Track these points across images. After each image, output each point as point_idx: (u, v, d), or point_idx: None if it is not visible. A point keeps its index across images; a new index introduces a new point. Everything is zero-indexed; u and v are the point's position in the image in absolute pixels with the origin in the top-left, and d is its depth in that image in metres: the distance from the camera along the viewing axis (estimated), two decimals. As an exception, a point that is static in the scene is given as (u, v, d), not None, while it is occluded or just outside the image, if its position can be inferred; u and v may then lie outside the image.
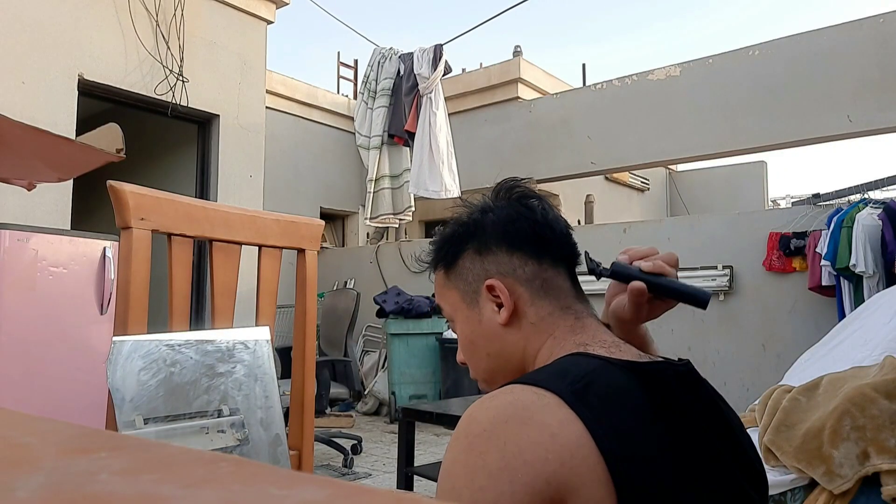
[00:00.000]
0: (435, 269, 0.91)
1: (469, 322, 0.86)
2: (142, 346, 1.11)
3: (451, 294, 0.87)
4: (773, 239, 4.55)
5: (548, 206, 0.87)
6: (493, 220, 0.84)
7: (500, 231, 0.83)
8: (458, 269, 0.86)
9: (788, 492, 1.94)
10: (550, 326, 0.80)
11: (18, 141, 1.94)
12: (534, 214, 0.84)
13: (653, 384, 0.70)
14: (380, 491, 0.23)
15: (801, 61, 5.42)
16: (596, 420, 0.63)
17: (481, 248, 0.84)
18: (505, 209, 0.86)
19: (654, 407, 0.69)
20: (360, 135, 6.62)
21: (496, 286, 0.81)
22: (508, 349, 0.83)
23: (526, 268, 0.82)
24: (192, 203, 1.36)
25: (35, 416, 0.34)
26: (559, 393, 0.65)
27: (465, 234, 0.86)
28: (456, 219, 0.89)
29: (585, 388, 0.66)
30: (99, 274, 3.22)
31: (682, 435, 0.69)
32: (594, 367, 0.70)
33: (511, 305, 0.81)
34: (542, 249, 0.83)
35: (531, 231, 0.83)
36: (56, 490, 0.22)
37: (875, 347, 2.25)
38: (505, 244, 0.83)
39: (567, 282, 0.84)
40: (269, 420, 1.29)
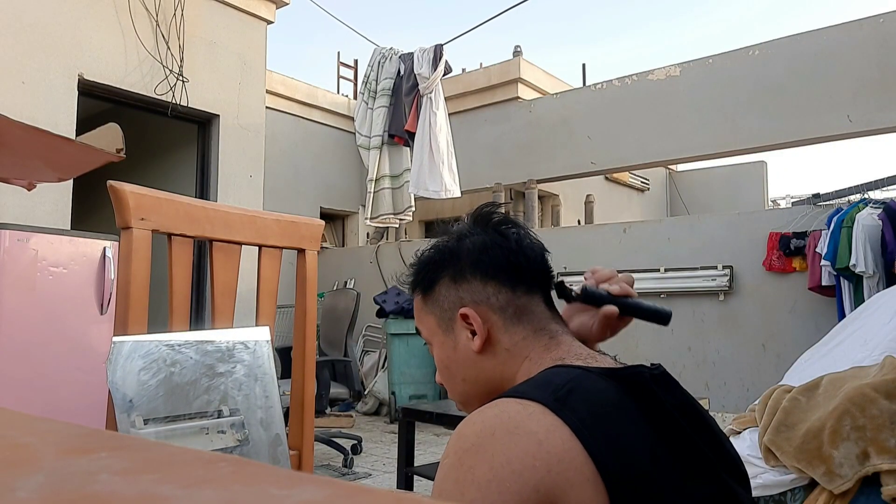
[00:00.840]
0: (413, 293, 0.93)
1: (445, 348, 0.88)
2: (142, 346, 1.11)
3: (428, 319, 0.90)
4: (773, 239, 4.55)
5: (524, 232, 0.89)
6: (469, 248, 0.86)
7: (474, 260, 0.85)
8: (435, 296, 0.88)
9: (788, 492, 1.94)
10: (525, 349, 0.82)
11: (18, 141, 1.94)
12: (508, 243, 0.86)
13: (633, 387, 0.72)
14: (380, 491, 0.23)
15: (801, 61, 5.42)
16: (582, 423, 0.65)
17: (456, 277, 0.86)
18: (480, 237, 0.87)
19: (637, 408, 0.70)
20: (360, 135, 6.62)
21: (470, 315, 0.83)
22: (484, 375, 0.85)
23: (500, 296, 0.84)
24: (192, 203, 1.36)
25: (35, 416, 0.34)
26: (543, 401, 0.67)
27: (441, 262, 0.88)
28: (434, 244, 0.91)
29: (568, 394, 0.68)
30: (99, 274, 3.22)
31: (667, 433, 0.70)
32: (574, 376, 0.72)
33: (484, 333, 0.83)
34: (516, 277, 0.85)
35: (505, 260, 0.85)
36: (56, 490, 0.22)
37: (875, 347, 2.25)
38: (479, 273, 0.84)
39: (541, 305, 0.86)
40: (269, 420, 1.29)
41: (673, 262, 5.01)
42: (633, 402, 0.70)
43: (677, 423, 0.72)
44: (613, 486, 0.63)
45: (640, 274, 5.13)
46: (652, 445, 0.68)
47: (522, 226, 0.91)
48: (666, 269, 5.02)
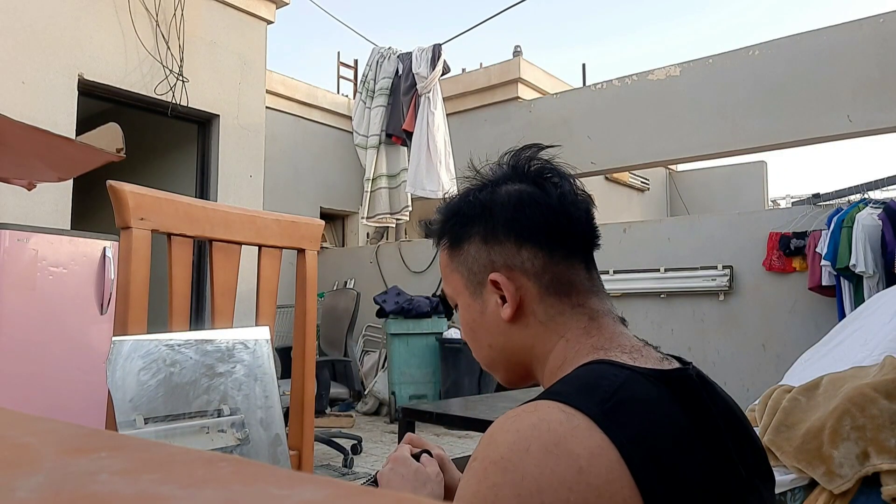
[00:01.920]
0: (437, 245, 0.85)
1: (471, 311, 0.81)
2: (142, 346, 1.11)
3: (454, 277, 0.82)
4: (773, 239, 4.55)
5: (569, 185, 0.79)
6: (503, 202, 0.77)
7: (508, 218, 0.76)
8: (463, 254, 0.80)
9: (788, 492, 1.94)
10: (561, 327, 0.75)
11: (18, 141, 1.94)
12: (549, 199, 0.76)
13: (685, 395, 0.66)
14: (380, 491, 0.23)
15: (801, 61, 5.42)
16: (632, 444, 0.57)
17: (488, 237, 0.77)
18: (517, 188, 0.78)
19: (687, 418, 0.64)
20: (357, 134, 6.63)
21: (501, 282, 0.76)
22: (512, 344, 0.78)
23: (535, 261, 0.75)
24: (192, 203, 1.36)
25: (35, 416, 0.34)
26: (590, 413, 0.58)
27: (472, 217, 0.79)
28: (464, 192, 0.82)
29: (618, 406, 0.60)
30: (99, 274, 3.22)
31: (716, 447, 0.65)
32: (624, 380, 0.64)
33: (516, 303, 0.75)
34: (555, 241, 0.76)
35: (543, 220, 0.76)
36: (56, 490, 0.22)
37: (875, 347, 2.25)
38: (514, 234, 0.76)
39: (581, 274, 0.77)
40: (269, 420, 1.29)
41: (673, 262, 5.01)
42: (682, 411, 0.64)
43: (722, 432, 0.67)
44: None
45: (640, 274, 5.14)
46: (702, 465, 0.62)
47: (568, 176, 0.80)
48: (666, 269, 5.02)
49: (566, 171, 0.81)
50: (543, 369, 0.77)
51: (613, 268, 5.26)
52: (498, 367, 0.82)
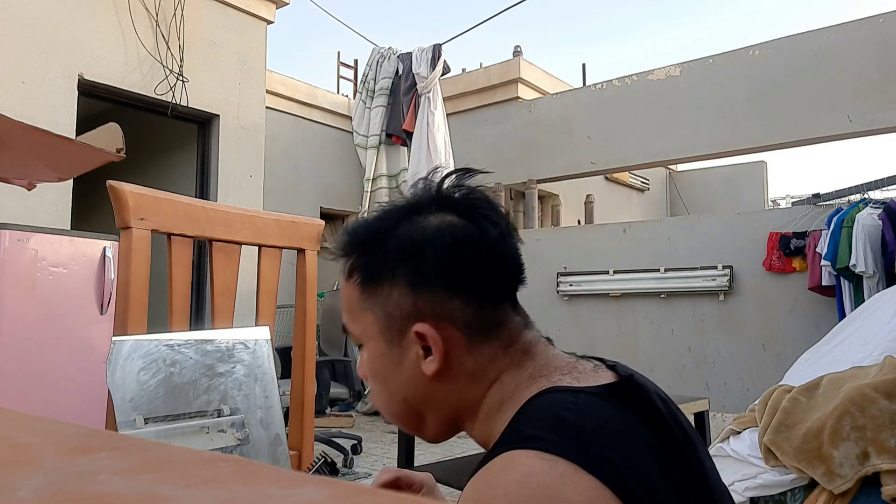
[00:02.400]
0: (345, 275, 0.73)
1: (384, 360, 0.71)
2: (141, 346, 1.11)
3: (366, 318, 0.71)
4: (773, 239, 4.55)
5: (505, 222, 0.71)
6: (436, 242, 0.67)
7: (442, 263, 0.67)
8: (381, 296, 0.69)
9: (788, 492, 1.94)
10: (492, 371, 0.68)
11: (18, 141, 1.94)
12: (487, 240, 0.68)
13: (640, 406, 0.64)
14: (380, 491, 0.23)
15: (801, 61, 5.42)
16: (621, 479, 0.55)
17: (416, 283, 0.67)
18: (449, 225, 0.68)
19: (653, 432, 0.62)
20: (357, 134, 6.63)
21: (427, 334, 0.67)
22: (433, 400, 0.70)
23: (467, 310, 0.68)
24: (192, 203, 1.36)
25: (35, 416, 0.34)
26: (569, 456, 0.54)
27: (397, 256, 0.68)
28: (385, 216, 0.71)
29: (591, 439, 0.57)
30: (99, 274, 3.21)
31: (676, 454, 0.63)
32: (582, 408, 0.60)
33: (442, 358, 0.67)
34: (489, 287, 0.69)
35: (480, 264, 0.68)
36: (56, 490, 0.22)
37: (875, 347, 2.25)
38: (447, 281, 0.67)
39: (510, 312, 0.71)
40: (269, 420, 1.29)
41: (673, 262, 5.01)
42: (644, 423, 0.62)
43: (678, 439, 0.65)
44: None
45: (640, 274, 5.14)
46: (670, 478, 0.60)
47: (501, 211, 0.72)
48: (666, 269, 5.02)
49: (498, 203, 0.73)
50: (474, 418, 0.70)
51: (613, 268, 5.26)
52: (412, 423, 0.74)
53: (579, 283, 5.47)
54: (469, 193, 0.71)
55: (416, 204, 0.71)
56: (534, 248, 5.90)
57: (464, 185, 0.72)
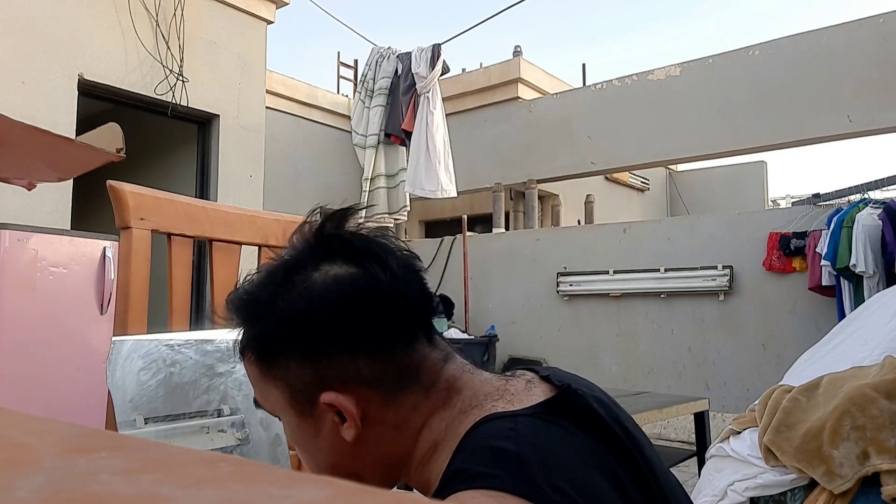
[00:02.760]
0: (241, 353, 0.69)
1: (301, 431, 0.67)
2: (141, 346, 1.11)
3: (273, 392, 0.67)
4: (773, 239, 4.55)
5: (394, 257, 0.64)
6: (321, 305, 0.61)
7: (333, 327, 0.61)
8: (280, 369, 0.65)
9: (788, 492, 1.94)
10: (418, 419, 0.64)
11: (18, 141, 1.94)
12: (378, 283, 0.62)
13: (580, 419, 0.61)
14: (380, 491, 0.23)
15: (801, 61, 5.42)
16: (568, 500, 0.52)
17: (311, 351, 0.62)
18: (334, 279, 0.62)
19: (599, 443, 0.60)
20: (356, 133, 6.64)
21: (336, 402, 0.62)
22: (362, 463, 0.66)
23: (374, 366, 0.62)
24: (191, 203, 1.36)
25: (35, 416, 0.34)
26: (517, 490, 0.51)
27: (284, 327, 0.63)
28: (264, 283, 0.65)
29: (537, 468, 0.53)
30: (99, 274, 3.21)
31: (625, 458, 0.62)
32: (521, 434, 0.56)
33: (359, 422, 0.62)
34: (394, 334, 0.63)
35: (377, 314, 0.62)
36: (56, 490, 0.22)
37: (875, 347, 2.25)
38: (344, 344, 0.62)
39: (426, 350, 0.66)
40: (269, 420, 1.29)
41: (673, 262, 5.01)
42: (587, 435, 0.60)
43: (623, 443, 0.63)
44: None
45: (640, 274, 5.14)
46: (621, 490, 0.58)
47: (389, 245, 0.65)
48: (666, 269, 5.02)
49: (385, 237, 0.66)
50: (409, 467, 0.67)
51: (613, 268, 5.26)
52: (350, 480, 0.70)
53: (579, 283, 5.47)
54: (351, 236, 0.65)
55: (295, 261, 0.65)
56: (534, 248, 5.89)
57: (343, 228, 0.66)
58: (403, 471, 0.68)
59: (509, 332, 5.72)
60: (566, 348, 5.46)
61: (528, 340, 5.65)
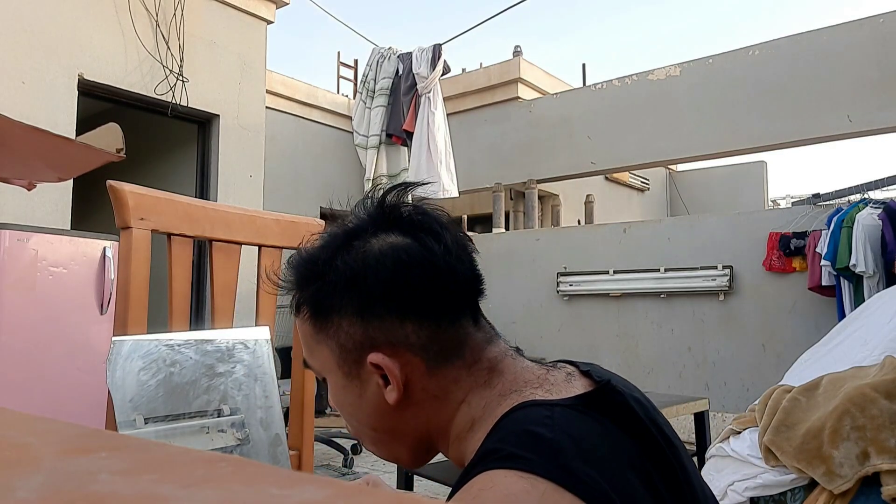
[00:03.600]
0: (295, 312, 0.72)
1: (346, 393, 0.70)
2: (141, 346, 1.11)
3: (322, 351, 0.70)
4: (773, 239, 4.55)
5: (451, 235, 0.68)
6: (377, 267, 0.65)
7: (387, 288, 0.65)
8: (332, 328, 0.68)
9: (788, 492, 1.94)
10: (458, 392, 0.67)
11: (18, 141, 1.94)
12: (432, 257, 0.66)
13: (617, 415, 0.62)
14: (380, 491, 0.23)
15: (801, 61, 5.42)
16: (603, 497, 0.53)
17: (363, 311, 0.66)
18: (391, 246, 0.66)
19: (636, 445, 0.61)
20: (357, 134, 6.63)
21: (382, 363, 0.65)
22: (403, 427, 0.69)
23: (421, 333, 0.65)
24: (191, 203, 1.36)
25: (35, 416, 0.34)
26: (549, 475, 0.52)
27: (340, 286, 0.66)
28: (326, 245, 0.70)
29: (571, 456, 0.54)
30: (99, 274, 3.21)
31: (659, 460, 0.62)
32: (558, 423, 0.57)
33: (402, 385, 0.66)
34: (442, 306, 0.67)
35: (428, 284, 0.65)
36: (56, 490, 0.22)
37: (875, 347, 2.25)
38: (394, 306, 0.65)
39: (471, 328, 0.69)
40: (269, 420, 1.29)
41: (673, 262, 5.01)
42: (622, 433, 0.60)
43: (659, 445, 0.63)
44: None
45: (640, 274, 5.14)
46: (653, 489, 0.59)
47: (447, 223, 0.69)
48: (666, 269, 5.02)
49: (442, 214, 0.70)
50: (447, 440, 0.69)
51: (613, 268, 5.26)
52: (386, 449, 0.73)
53: (579, 283, 5.47)
54: (411, 209, 0.69)
55: (356, 229, 0.69)
56: (534, 248, 5.89)
57: (404, 202, 0.69)
58: (441, 443, 0.70)
59: (509, 332, 5.72)
60: (566, 348, 5.46)
61: (528, 340, 5.65)
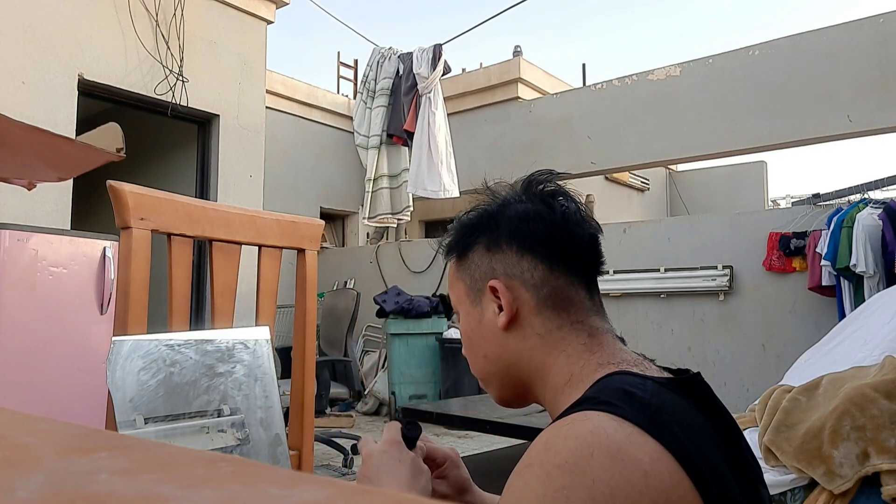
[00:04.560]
0: (447, 256, 0.86)
1: (469, 319, 0.82)
2: (141, 346, 1.11)
3: (458, 286, 0.84)
4: (773, 239, 4.55)
5: (576, 206, 0.81)
6: (509, 216, 0.79)
7: (513, 228, 0.78)
8: (468, 263, 0.82)
9: (788, 492, 1.94)
10: (560, 341, 0.75)
11: (18, 141, 1.94)
12: (553, 215, 0.78)
13: (701, 400, 0.68)
14: (380, 491, 0.23)
15: (801, 61, 5.42)
16: (683, 449, 0.59)
17: (491, 245, 0.79)
18: (524, 205, 0.80)
19: (713, 425, 0.66)
20: (358, 134, 6.63)
21: (499, 288, 0.77)
22: (507, 355, 0.78)
23: (535, 272, 0.76)
24: (191, 203, 1.36)
25: (35, 416, 0.34)
26: (637, 421, 0.60)
27: (478, 227, 0.81)
28: (475, 207, 0.84)
29: (658, 413, 0.61)
30: (99, 274, 3.21)
31: (736, 448, 0.68)
32: (649, 389, 0.65)
33: (512, 311, 0.76)
34: (556, 254, 0.77)
35: (546, 233, 0.77)
36: (56, 490, 0.22)
37: (875, 347, 2.25)
38: (516, 243, 0.77)
39: (582, 292, 0.78)
40: (269, 420, 1.29)
41: (673, 262, 5.01)
42: (704, 416, 0.66)
43: (738, 436, 0.69)
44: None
45: (640, 274, 5.14)
46: (729, 465, 0.64)
47: (576, 200, 0.82)
48: (666, 269, 5.02)
49: (577, 196, 0.83)
50: (545, 386, 0.77)
51: (613, 268, 5.25)
52: (493, 381, 0.82)
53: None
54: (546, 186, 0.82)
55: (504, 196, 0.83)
56: (534, 248, 5.89)
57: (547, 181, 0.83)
58: (538, 388, 0.78)
59: (509, 332, 5.71)
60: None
61: (528, 340, 5.64)
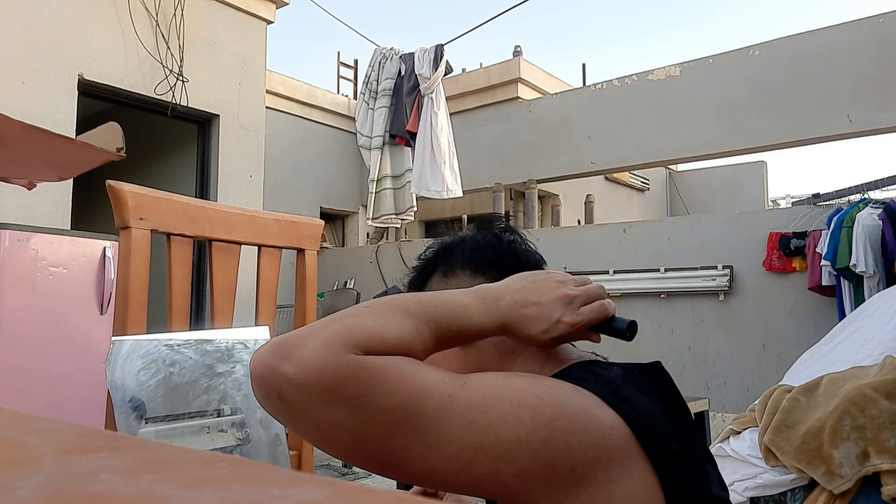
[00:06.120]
0: (409, 290, 0.95)
1: None
2: (141, 345, 1.11)
3: None
4: (773, 239, 4.55)
5: (520, 239, 0.92)
6: (463, 247, 0.90)
7: (466, 256, 0.88)
8: (426, 290, 0.89)
9: (788, 492, 1.94)
10: (516, 347, 0.81)
11: (18, 140, 1.94)
12: (500, 244, 0.89)
13: (662, 386, 0.74)
14: (380, 491, 0.23)
15: (801, 61, 5.42)
16: (641, 424, 0.65)
17: (447, 271, 0.89)
18: (475, 239, 0.91)
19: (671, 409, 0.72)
20: (361, 135, 6.63)
21: None
22: (468, 370, 0.82)
23: None
24: (191, 203, 1.36)
25: (35, 416, 0.34)
26: (598, 392, 0.66)
27: (435, 259, 0.92)
28: (433, 243, 0.95)
29: (620, 387, 0.68)
30: (99, 274, 3.21)
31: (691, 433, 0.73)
32: (613, 370, 0.72)
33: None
34: (506, 275, 0.82)
35: (494, 258, 0.87)
36: (56, 490, 0.22)
37: (875, 347, 2.25)
38: (469, 268, 0.87)
39: None
40: (268, 420, 1.29)
41: (673, 262, 5.01)
42: (662, 400, 0.72)
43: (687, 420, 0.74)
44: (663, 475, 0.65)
45: (640, 274, 5.13)
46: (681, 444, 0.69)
47: (522, 235, 0.93)
48: (666, 269, 5.02)
49: (524, 234, 0.95)
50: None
51: (613, 268, 5.25)
52: None
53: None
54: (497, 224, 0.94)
55: (457, 235, 0.94)
56: (534, 248, 5.89)
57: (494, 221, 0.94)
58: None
59: (509, 332, 5.70)
60: (566, 348, 5.45)
61: (528, 340, 5.64)
